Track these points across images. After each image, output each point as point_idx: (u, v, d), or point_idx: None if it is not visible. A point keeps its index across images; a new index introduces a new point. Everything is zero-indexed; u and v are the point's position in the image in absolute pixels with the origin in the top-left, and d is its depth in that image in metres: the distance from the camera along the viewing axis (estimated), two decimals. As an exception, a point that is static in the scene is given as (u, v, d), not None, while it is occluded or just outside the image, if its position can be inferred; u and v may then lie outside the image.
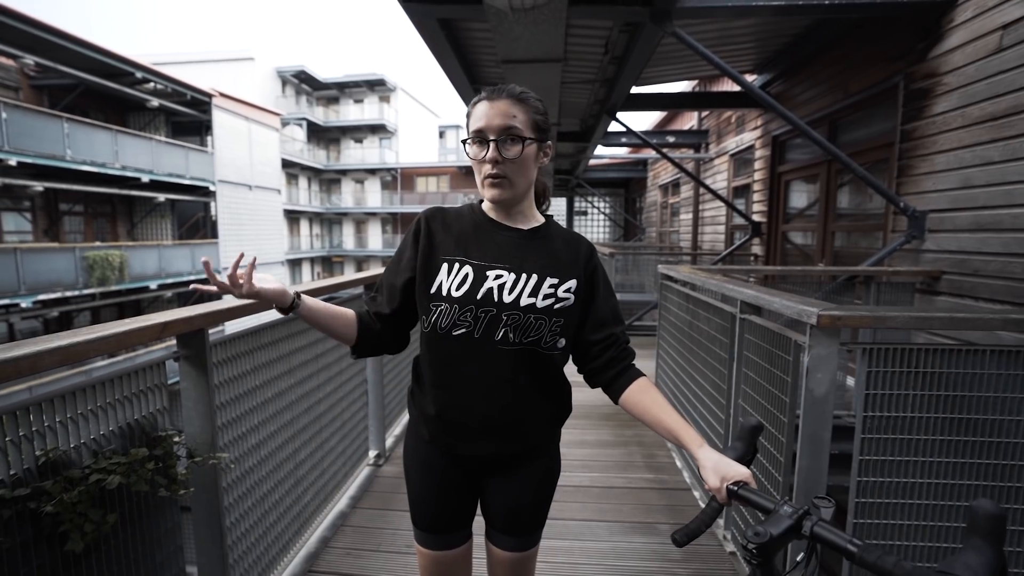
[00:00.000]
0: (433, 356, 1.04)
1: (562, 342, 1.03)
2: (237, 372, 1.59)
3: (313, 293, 2.13)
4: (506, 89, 0.99)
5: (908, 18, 3.33)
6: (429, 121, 32.06)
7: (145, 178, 11.94)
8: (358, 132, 26.35)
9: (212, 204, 14.61)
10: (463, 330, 0.99)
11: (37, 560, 0.99)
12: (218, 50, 21.54)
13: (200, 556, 1.48)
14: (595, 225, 17.46)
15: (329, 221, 26.45)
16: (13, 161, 9.09)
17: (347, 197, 26.07)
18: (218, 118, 14.24)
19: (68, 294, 10.30)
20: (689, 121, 8.41)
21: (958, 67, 2.96)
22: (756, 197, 5.85)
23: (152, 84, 12.45)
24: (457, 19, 3.48)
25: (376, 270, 2.97)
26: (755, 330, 1.84)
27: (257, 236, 16.25)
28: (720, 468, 0.88)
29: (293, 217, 22.96)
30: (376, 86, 26.25)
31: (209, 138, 14.43)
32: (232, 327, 1.66)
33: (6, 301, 9.08)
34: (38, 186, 10.06)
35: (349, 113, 26.59)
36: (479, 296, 0.98)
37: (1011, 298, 2.62)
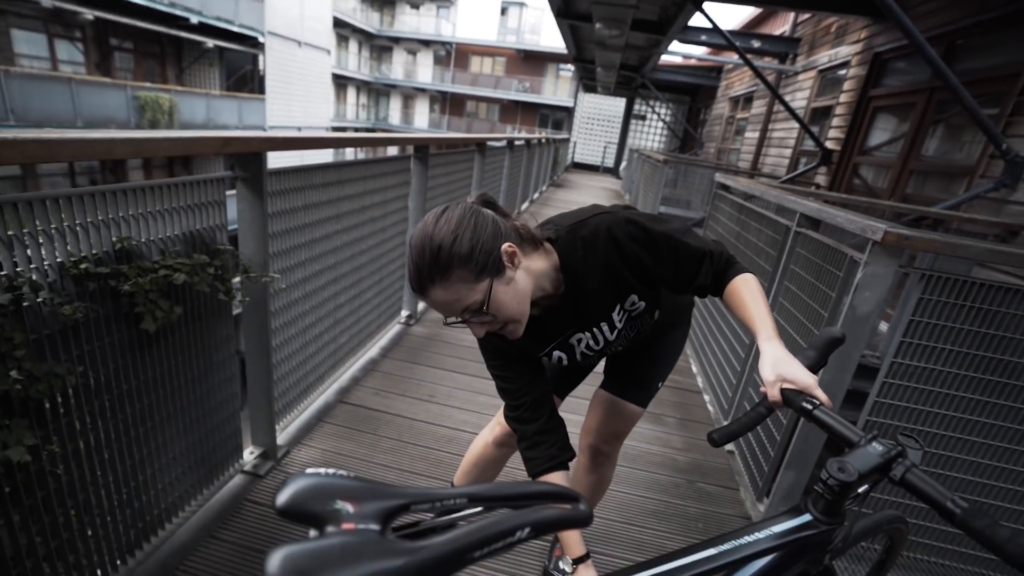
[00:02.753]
0: None
1: (657, 313, 1.07)
2: (289, 206, 1.64)
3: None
4: (425, 271, 0.77)
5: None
6: (492, -7, 29.38)
7: (194, 19, 11.56)
8: (416, -4, 24.51)
9: (260, 57, 14.20)
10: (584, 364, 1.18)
11: (118, 334, 1.11)
12: None
13: (250, 367, 1.64)
14: (652, 132, 16.50)
15: (377, 92, 25.61)
16: (63, -18, 8.87)
17: (397, 68, 24.94)
18: (269, -40, 13.34)
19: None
20: (782, 26, 7.51)
21: None
22: (836, 122, 5.36)
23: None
24: None
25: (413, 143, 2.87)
26: (808, 244, 1.77)
27: (305, 97, 15.94)
28: (780, 365, 0.76)
29: (340, 83, 22.27)
30: (439, -57, 23.89)
31: (260, -18, 13.65)
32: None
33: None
34: (88, 14, 9.88)
35: (407, -28, 24.55)
36: (579, 358, 1.09)
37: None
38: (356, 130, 24.33)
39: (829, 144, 5.31)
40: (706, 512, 1.81)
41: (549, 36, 23.64)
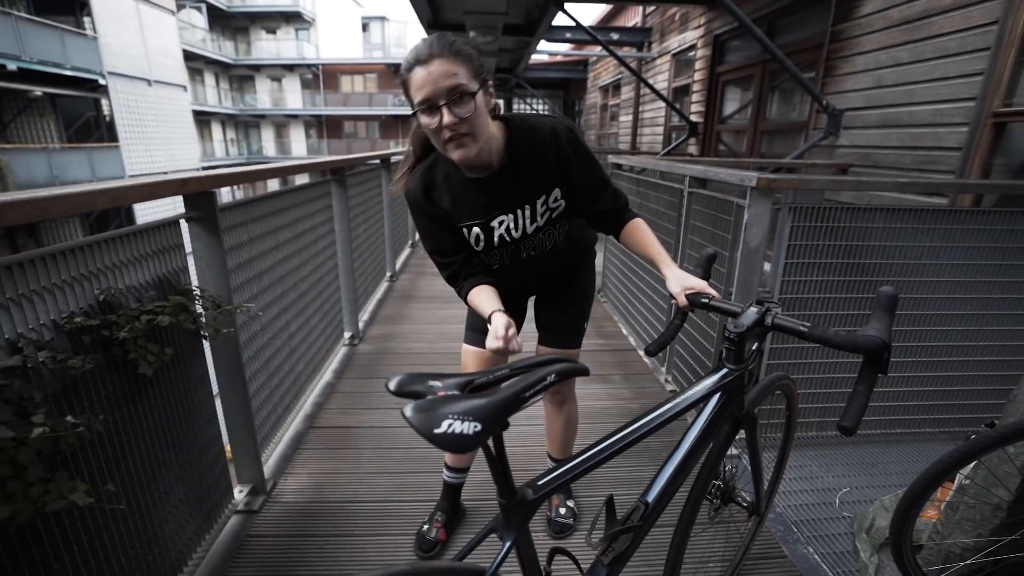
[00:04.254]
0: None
1: (568, 230, 1.26)
2: (238, 240, 1.67)
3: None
4: (436, 45, 0.95)
5: (847, -87, 3.45)
6: (351, 11, 28.84)
7: (11, 65, 10.15)
8: (270, 20, 23.39)
9: (104, 101, 12.84)
10: (497, 264, 1.25)
11: (112, 384, 1.12)
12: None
13: (225, 403, 1.64)
14: (533, 130, 17.17)
15: (245, 124, 24.10)
16: None
17: (263, 97, 23.66)
18: (96, -6, 12.09)
19: (-54, 203, 9.02)
20: (633, 18, 8.28)
21: (885, -32, 3.17)
22: (695, 98, 6.08)
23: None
24: None
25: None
26: (701, 200, 2.12)
27: (166, 140, 14.64)
28: (682, 280, 1.07)
29: (203, 119, 20.69)
30: (285, -36, 23.01)
31: (88, 20, 12.33)
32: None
33: None
34: None
35: (256, -4, 23.37)
36: (495, 243, 1.20)
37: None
38: (229, 167, 22.71)
39: (693, 117, 6.02)
40: (665, 443, 2.10)
41: (417, 47, 23.70)
